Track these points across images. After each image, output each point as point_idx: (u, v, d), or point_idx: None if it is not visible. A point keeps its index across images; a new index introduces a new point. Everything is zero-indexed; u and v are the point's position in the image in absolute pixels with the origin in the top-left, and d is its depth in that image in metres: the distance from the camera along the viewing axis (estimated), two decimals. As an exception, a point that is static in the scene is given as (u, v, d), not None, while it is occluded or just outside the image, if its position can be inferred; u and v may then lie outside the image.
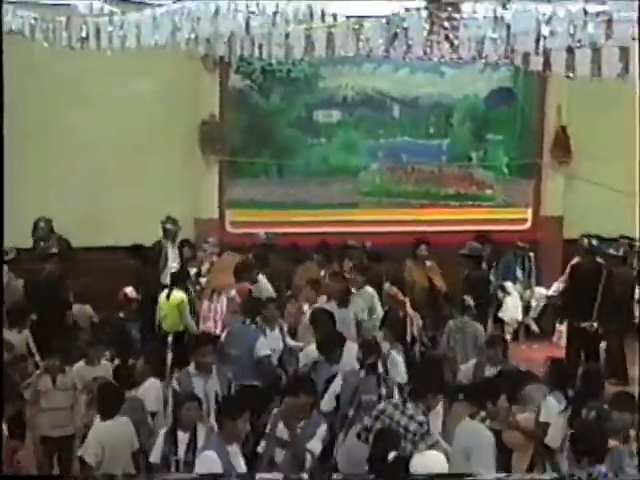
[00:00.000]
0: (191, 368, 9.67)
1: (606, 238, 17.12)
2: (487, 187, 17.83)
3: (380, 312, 12.73)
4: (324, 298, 12.87)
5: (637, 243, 16.38)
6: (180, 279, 13.30)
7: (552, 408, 9.00)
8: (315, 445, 8.79)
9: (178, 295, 12.91)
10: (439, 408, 9.17)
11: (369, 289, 13.05)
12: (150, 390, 9.73)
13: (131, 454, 9.11)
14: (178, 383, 9.61)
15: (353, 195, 17.28)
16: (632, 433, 8.30)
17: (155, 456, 8.63)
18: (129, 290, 13.50)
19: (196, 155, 16.38)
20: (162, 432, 8.70)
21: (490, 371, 10.28)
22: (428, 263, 14.89)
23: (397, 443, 8.07)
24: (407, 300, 12.74)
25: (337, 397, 9.82)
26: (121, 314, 13.00)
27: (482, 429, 8.51)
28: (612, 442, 7.89)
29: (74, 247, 14.31)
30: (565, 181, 17.71)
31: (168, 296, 12.87)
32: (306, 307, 12.79)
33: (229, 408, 8.14)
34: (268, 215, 16.77)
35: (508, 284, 16.48)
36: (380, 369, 9.99)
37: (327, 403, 9.80)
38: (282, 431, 8.89)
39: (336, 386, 9.83)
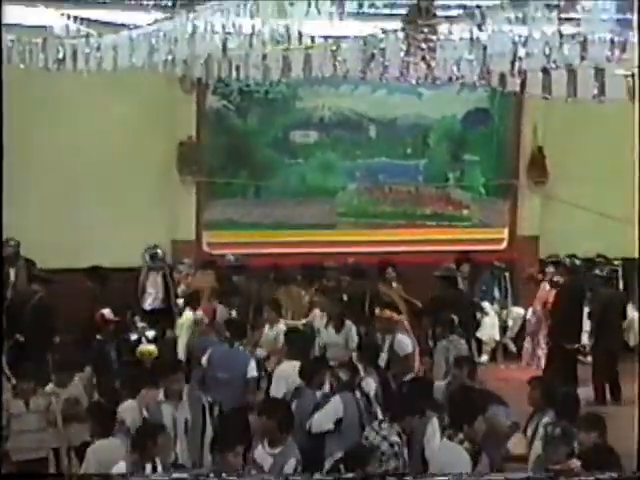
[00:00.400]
0: (160, 395, 9.45)
1: (583, 258, 17.27)
2: (464, 207, 17.88)
3: (355, 339, 12.71)
4: (317, 313, 12.92)
5: (616, 262, 16.51)
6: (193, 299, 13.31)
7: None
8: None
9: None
10: (431, 429, 9.11)
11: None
12: (127, 411, 9.69)
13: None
14: (147, 410, 9.43)
15: (331, 216, 17.29)
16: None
17: None
18: (106, 312, 13.46)
19: (173, 176, 16.35)
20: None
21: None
22: (394, 285, 14.93)
23: (365, 462, 8.02)
24: (403, 318, 12.61)
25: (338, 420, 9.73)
26: (98, 336, 12.94)
27: (460, 451, 8.49)
28: (575, 463, 7.92)
29: (48, 268, 14.19)
30: (541, 201, 17.76)
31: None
32: (266, 329, 12.74)
33: (222, 440, 7.92)
34: (245, 236, 16.75)
35: (485, 304, 16.55)
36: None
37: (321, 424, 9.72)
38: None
39: (337, 409, 9.73)
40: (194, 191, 16.64)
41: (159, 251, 14.78)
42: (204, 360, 11.18)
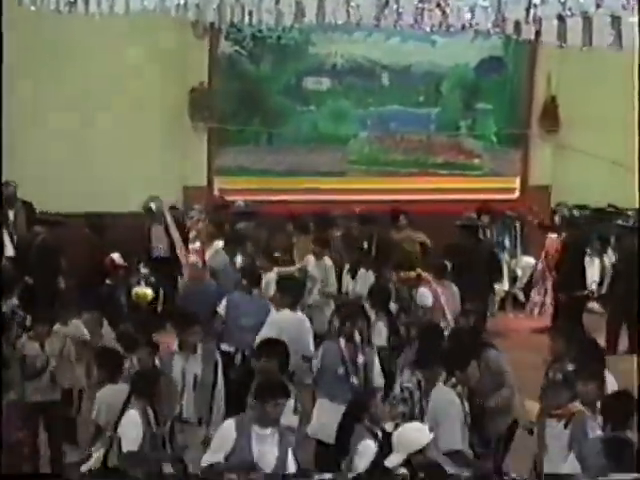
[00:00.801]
0: (175, 346, 9.33)
1: (593, 208, 17.25)
2: (475, 156, 17.81)
3: (334, 284, 12.70)
4: (311, 259, 12.90)
5: (630, 212, 16.47)
6: None
7: None
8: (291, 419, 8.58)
9: None
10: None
11: (328, 260, 12.98)
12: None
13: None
14: (160, 360, 9.31)
15: (342, 163, 17.25)
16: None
17: (134, 438, 7.93)
18: (116, 256, 13.43)
19: (185, 122, 16.32)
20: (133, 412, 8.03)
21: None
22: (409, 231, 14.86)
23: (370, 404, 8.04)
24: (423, 272, 12.51)
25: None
26: (108, 280, 12.95)
27: (452, 395, 8.51)
28: (576, 406, 7.97)
29: (60, 212, 14.20)
30: (553, 151, 17.69)
31: None
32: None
33: (260, 390, 7.62)
34: (256, 182, 16.74)
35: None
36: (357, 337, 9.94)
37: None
38: None
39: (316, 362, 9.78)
40: (206, 137, 16.62)
41: (153, 205, 14.60)
42: (222, 309, 11.06)
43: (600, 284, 16.39)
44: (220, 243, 13.46)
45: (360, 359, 9.55)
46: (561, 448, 7.83)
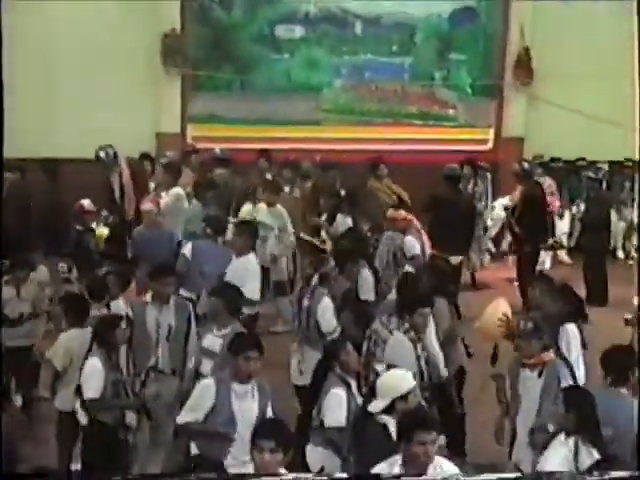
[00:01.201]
0: (147, 296, 9.24)
1: (566, 160, 17.29)
2: (450, 107, 17.79)
3: (290, 233, 12.67)
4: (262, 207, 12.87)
5: (601, 165, 16.55)
6: None
7: None
8: None
9: None
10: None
11: (281, 208, 12.91)
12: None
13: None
14: (132, 309, 9.15)
15: (316, 112, 17.19)
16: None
17: (95, 387, 8.06)
18: (86, 203, 13.26)
19: (158, 68, 16.18)
20: (94, 361, 8.12)
21: None
22: (387, 181, 14.81)
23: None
24: (413, 217, 12.48)
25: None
26: (78, 226, 12.83)
27: (405, 342, 8.56)
28: (549, 355, 8.02)
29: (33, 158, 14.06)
30: (527, 102, 17.69)
31: None
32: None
33: (231, 344, 7.57)
34: (230, 130, 16.65)
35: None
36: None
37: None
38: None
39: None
40: (179, 84, 16.50)
41: (102, 153, 14.37)
42: (187, 251, 11.05)
43: (570, 235, 16.52)
44: (177, 189, 13.34)
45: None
46: (534, 398, 7.88)
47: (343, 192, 13.74)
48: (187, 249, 11.11)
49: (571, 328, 8.78)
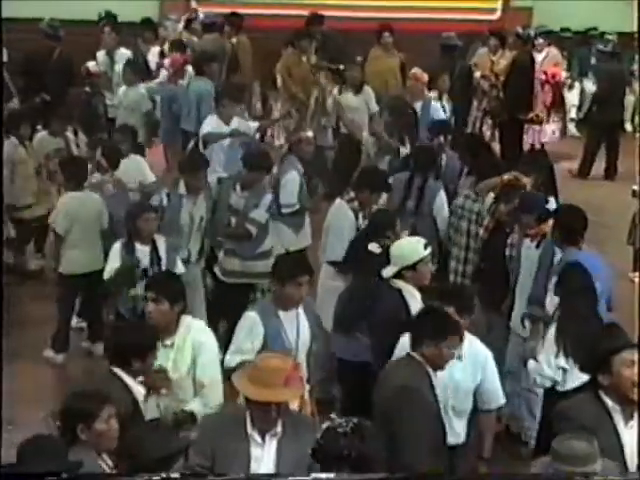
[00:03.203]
0: (181, 188, 8.95)
1: (576, 31, 17.02)
2: (457, -26, 17.41)
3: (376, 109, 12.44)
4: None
5: (610, 37, 16.26)
6: None
7: None
8: (259, 214, 8.89)
9: None
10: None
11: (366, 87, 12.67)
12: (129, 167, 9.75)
13: (100, 233, 9.04)
14: (167, 197, 8.96)
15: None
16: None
17: (110, 270, 8.19)
18: (91, 64, 13.08)
19: None
20: (117, 245, 8.28)
21: None
22: (395, 52, 14.53)
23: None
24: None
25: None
26: (86, 88, 12.65)
27: (345, 209, 8.63)
28: (549, 225, 8.03)
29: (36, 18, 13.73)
30: (537, -30, 17.33)
31: None
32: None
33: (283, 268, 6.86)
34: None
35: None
36: None
37: None
38: (237, 201, 8.95)
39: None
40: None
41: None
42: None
43: (579, 108, 16.36)
44: None
45: None
46: (531, 269, 7.94)
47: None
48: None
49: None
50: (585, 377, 5.69)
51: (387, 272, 7.15)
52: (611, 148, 14.80)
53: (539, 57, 15.31)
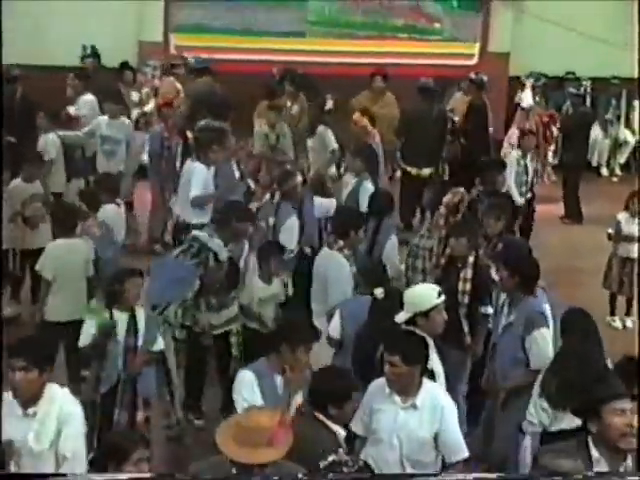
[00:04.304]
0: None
1: (551, 76, 17.19)
2: (435, 20, 17.59)
3: (335, 146, 12.54)
4: None
5: (584, 82, 16.48)
6: None
7: None
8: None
9: None
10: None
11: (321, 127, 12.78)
12: (108, 213, 9.71)
13: (85, 279, 8.98)
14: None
15: (301, 24, 16.95)
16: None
17: (84, 339, 7.70)
18: (72, 109, 13.12)
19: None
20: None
21: None
22: (388, 94, 14.63)
23: None
24: (375, 131, 12.51)
25: None
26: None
27: (338, 257, 8.64)
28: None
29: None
30: (513, 17, 17.51)
31: None
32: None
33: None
34: (213, 40, 16.40)
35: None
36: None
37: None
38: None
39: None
40: (162, -10, 16.24)
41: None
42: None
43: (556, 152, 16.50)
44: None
45: None
46: None
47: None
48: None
49: None
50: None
51: (400, 317, 7.07)
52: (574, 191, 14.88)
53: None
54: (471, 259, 8.37)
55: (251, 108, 13.50)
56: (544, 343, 7.33)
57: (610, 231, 11.07)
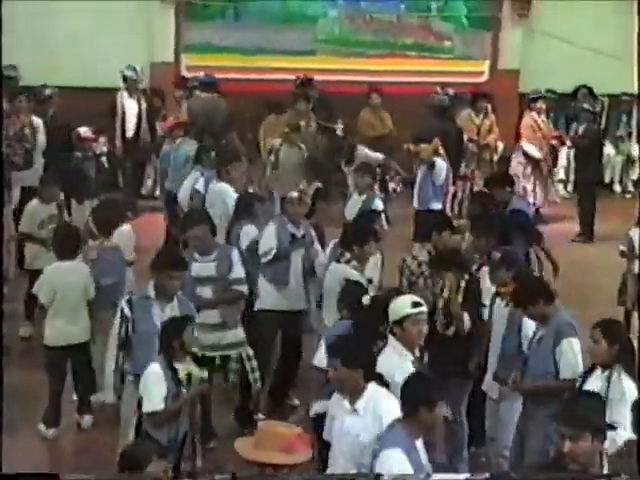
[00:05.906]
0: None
1: (561, 93, 17.17)
2: (445, 38, 17.62)
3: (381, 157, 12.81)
4: None
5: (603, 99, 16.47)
6: None
7: None
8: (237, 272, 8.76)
9: None
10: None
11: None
12: (123, 237, 9.63)
13: (86, 302, 8.90)
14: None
15: (311, 43, 17.01)
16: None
17: (157, 400, 7.00)
18: (83, 130, 13.19)
19: (152, -4, 15.96)
20: (155, 368, 7.08)
21: None
22: (383, 111, 14.71)
23: None
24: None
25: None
26: (77, 154, 12.74)
27: (348, 270, 8.61)
28: None
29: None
30: (523, 34, 17.53)
31: None
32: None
33: None
34: (224, 60, 16.46)
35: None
36: None
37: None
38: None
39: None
40: (173, 12, 16.29)
41: (129, 73, 14.24)
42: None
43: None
44: None
45: None
46: (500, 328, 7.93)
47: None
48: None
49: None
50: None
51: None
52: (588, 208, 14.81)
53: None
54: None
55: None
56: (573, 352, 7.22)
57: (622, 248, 11.01)
